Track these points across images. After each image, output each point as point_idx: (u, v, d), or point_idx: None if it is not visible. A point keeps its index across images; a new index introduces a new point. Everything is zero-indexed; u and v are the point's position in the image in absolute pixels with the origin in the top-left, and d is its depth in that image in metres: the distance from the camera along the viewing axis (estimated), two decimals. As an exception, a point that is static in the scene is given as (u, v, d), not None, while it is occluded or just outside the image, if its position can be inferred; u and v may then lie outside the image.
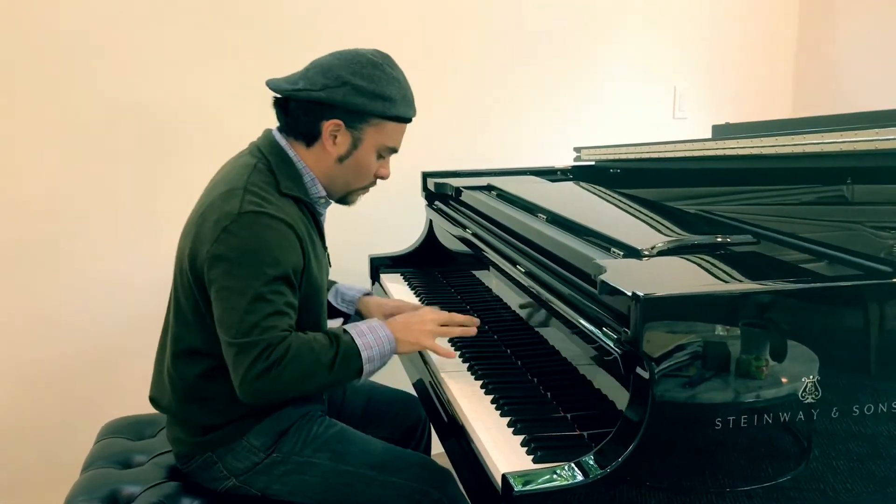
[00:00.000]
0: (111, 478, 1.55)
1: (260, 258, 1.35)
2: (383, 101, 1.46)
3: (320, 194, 1.53)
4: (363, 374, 1.41)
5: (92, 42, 2.20)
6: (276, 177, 1.45)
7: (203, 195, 1.49)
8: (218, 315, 1.36)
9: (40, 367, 2.29)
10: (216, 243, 1.35)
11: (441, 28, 2.62)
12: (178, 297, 1.48)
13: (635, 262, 1.24)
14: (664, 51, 2.99)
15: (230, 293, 1.34)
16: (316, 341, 1.38)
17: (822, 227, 1.47)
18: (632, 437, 1.02)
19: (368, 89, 1.44)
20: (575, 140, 2.56)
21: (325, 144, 1.48)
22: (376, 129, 1.49)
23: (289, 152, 1.49)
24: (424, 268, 2.28)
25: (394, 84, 1.48)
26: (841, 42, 2.99)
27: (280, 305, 1.36)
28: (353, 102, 1.44)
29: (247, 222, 1.35)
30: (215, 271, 1.36)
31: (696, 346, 1.03)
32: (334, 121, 1.46)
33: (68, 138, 2.22)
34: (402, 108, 1.49)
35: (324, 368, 1.37)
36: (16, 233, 2.21)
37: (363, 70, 1.45)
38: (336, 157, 1.50)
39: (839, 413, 1.08)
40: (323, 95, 1.43)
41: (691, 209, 1.68)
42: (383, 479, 1.48)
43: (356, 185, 1.56)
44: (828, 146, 1.36)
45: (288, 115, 1.50)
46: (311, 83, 1.45)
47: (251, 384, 1.32)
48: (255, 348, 1.31)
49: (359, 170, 1.53)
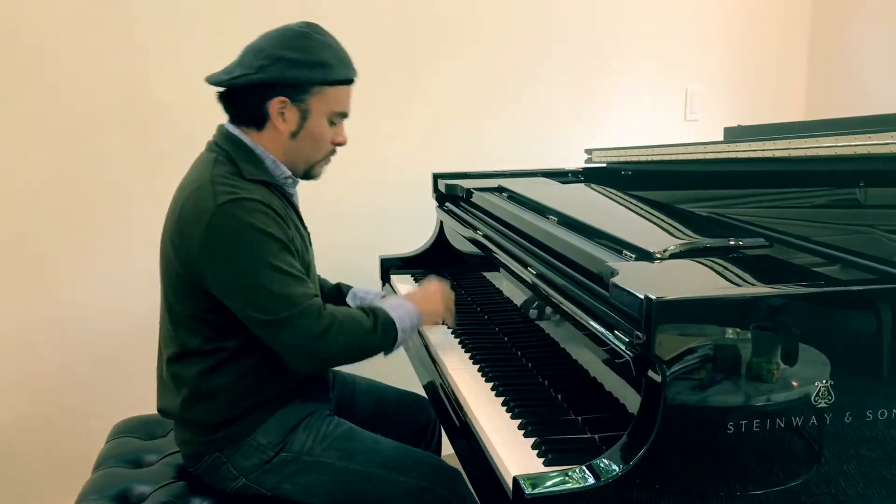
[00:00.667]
0: (122, 477, 1.56)
1: (255, 239, 1.37)
2: (321, 67, 1.46)
3: (285, 174, 1.53)
4: (396, 343, 1.50)
5: (91, 41, 2.21)
6: (237, 165, 1.46)
7: (173, 199, 1.49)
8: (243, 304, 1.38)
9: (53, 367, 2.30)
10: (206, 245, 1.37)
11: (453, 29, 2.63)
12: (171, 302, 1.48)
13: (647, 264, 1.23)
14: (676, 52, 2.98)
15: (246, 280, 1.36)
16: (351, 312, 1.46)
17: (835, 230, 1.46)
18: (643, 440, 1.02)
19: (303, 60, 1.45)
20: (586, 142, 2.56)
21: (276, 123, 1.48)
22: (320, 97, 1.49)
23: (244, 140, 1.50)
24: (435, 269, 2.27)
25: (327, 49, 1.48)
26: (854, 44, 2.97)
27: (297, 273, 1.41)
28: (291, 76, 1.45)
29: (227, 212, 1.37)
30: (220, 269, 1.37)
31: (709, 350, 1.03)
32: (278, 98, 1.46)
33: (70, 139, 2.23)
34: (341, 71, 1.50)
35: (369, 333, 1.44)
36: (22, 234, 2.22)
37: (293, 42, 1.45)
38: (289, 134, 1.50)
39: (852, 417, 1.07)
40: (261, 76, 1.44)
41: (703, 212, 1.68)
42: (393, 479, 1.48)
43: (316, 157, 1.56)
44: (841, 149, 1.35)
45: (233, 106, 1.51)
46: (246, 68, 1.46)
47: (304, 353, 1.39)
48: (297, 319, 1.36)
49: (314, 141, 1.53)
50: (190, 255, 1.40)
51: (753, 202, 1.71)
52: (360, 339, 1.44)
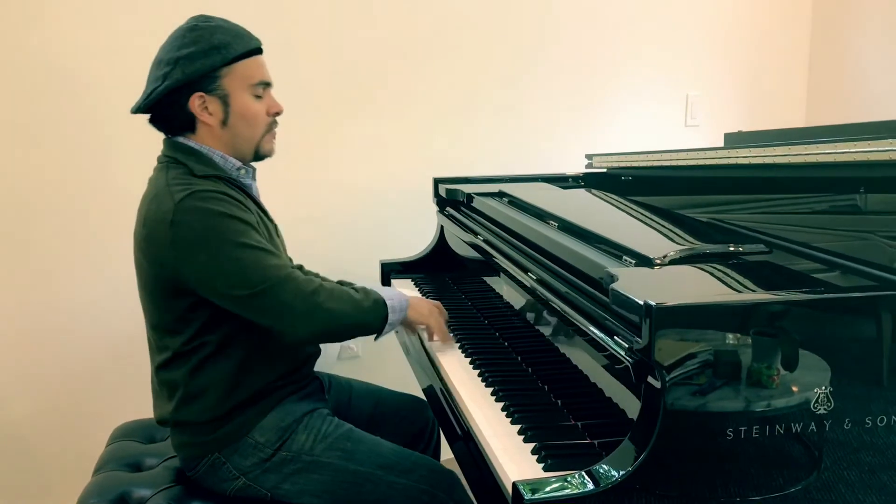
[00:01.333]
0: (122, 480, 1.56)
1: (219, 223, 1.40)
2: (217, 50, 1.47)
3: (236, 166, 1.55)
4: (387, 322, 1.52)
5: (91, 44, 2.22)
6: (187, 166, 1.48)
7: (137, 212, 1.51)
8: (227, 286, 1.39)
9: (53, 371, 2.30)
10: (175, 242, 1.39)
11: (454, 33, 2.63)
12: (150, 311, 1.51)
13: (647, 270, 1.23)
14: (677, 58, 2.99)
15: (224, 263, 1.38)
16: (335, 283, 1.52)
17: (835, 236, 1.46)
18: (643, 445, 1.02)
19: (198, 50, 1.46)
20: (587, 147, 2.56)
21: (203, 119, 1.50)
22: (231, 77, 1.50)
23: (188, 143, 1.52)
24: (435, 273, 2.28)
25: (218, 31, 1.49)
26: (855, 50, 2.98)
27: (270, 248, 1.43)
28: (194, 70, 1.46)
29: (187, 206, 1.40)
30: (193, 261, 1.39)
31: (708, 356, 1.03)
32: (195, 95, 1.48)
33: (74, 142, 2.23)
34: (240, 45, 1.50)
35: (359, 302, 1.48)
36: (24, 236, 2.22)
37: (184, 40, 1.47)
38: (219, 124, 1.51)
39: (851, 424, 1.08)
40: (167, 84, 1.46)
41: (703, 217, 1.68)
42: (391, 480, 1.49)
43: (257, 135, 1.56)
44: (841, 156, 1.36)
45: (162, 121, 1.53)
46: (153, 83, 1.48)
47: (302, 312, 1.41)
48: (284, 283, 1.40)
49: (246, 120, 1.53)
50: (161, 257, 1.42)
51: (753, 208, 1.71)
52: (350, 306, 1.47)
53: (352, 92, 2.52)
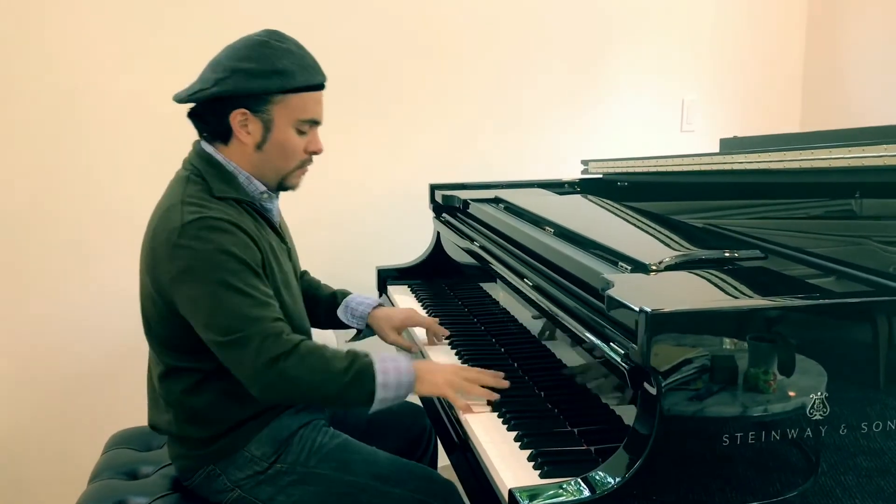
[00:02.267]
0: (118, 489, 1.56)
1: (219, 258, 1.34)
2: (279, 75, 1.41)
3: (259, 190, 1.50)
4: (375, 399, 1.37)
5: (91, 46, 2.22)
6: (208, 183, 1.44)
7: (150, 219, 1.48)
8: (203, 324, 1.35)
9: (48, 378, 2.29)
10: (172, 262, 1.36)
11: (448, 40, 2.63)
12: (150, 323, 1.48)
13: (643, 276, 1.23)
14: (672, 63, 2.99)
15: (205, 299, 1.33)
16: (329, 349, 1.37)
17: (831, 241, 1.46)
18: (639, 452, 1.02)
19: (259, 69, 1.40)
20: (583, 153, 2.56)
21: (240, 136, 1.45)
22: (283, 106, 1.44)
23: (216, 156, 1.48)
24: (432, 280, 2.28)
25: (286, 56, 1.43)
26: (850, 56, 2.99)
27: (259, 297, 1.35)
28: (247, 87, 1.40)
29: (193, 231, 1.35)
30: (182, 288, 1.36)
31: (704, 362, 1.03)
32: (238, 111, 1.43)
33: (70, 148, 2.23)
34: (302, 77, 1.44)
35: (335, 375, 1.35)
36: (21, 242, 2.22)
37: (251, 53, 1.41)
38: (254, 146, 1.46)
39: (847, 429, 1.08)
40: (217, 90, 1.41)
41: (699, 223, 1.68)
42: (387, 490, 1.48)
43: (287, 168, 1.50)
44: (836, 161, 1.36)
45: (199, 121, 1.49)
46: (204, 83, 1.43)
47: (261, 376, 1.32)
48: (250, 341, 1.32)
49: (282, 151, 1.47)
50: (160, 276, 1.39)
51: (749, 213, 1.71)
52: (321, 376, 1.35)
53: (348, 98, 2.52)
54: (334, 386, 1.35)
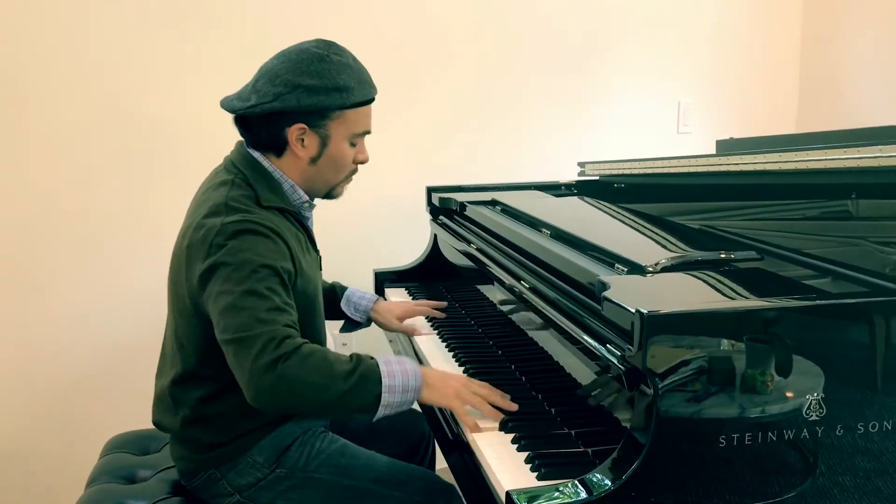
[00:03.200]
0: (116, 493, 1.56)
1: (250, 259, 1.33)
2: (339, 92, 1.42)
3: (302, 199, 1.51)
4: (380, 403, 1.31)
5: (86, 51, 2.22)
6: (255, 190, 1.43)
7: (186, 218, 1.47)
8: (216, 319, 1.33)
9: (46, 383, 2.29)
10: (206, 259, 1.35)
11: (445, 42, 2.64)
12: (177, 325, 1.47)
13: (639, 278, 1.24)
14: (668, 65, 3.00)
15: (224, 296, 1.32)
16: (332, 352, 1.33)
17: (827, 242, 1.47)
18: (636, 453, 1.02)
19: (321, 86, 1.40)
20: (579, 155, 2.57)
21: (295, 150, 1.46)
22: (341, 122, 1.45)
23: (263, 164, 1.47)
24: (429, 282, 2.28)
25: (345, 71, 1.43)
26: (845, 57, 2.99)
27: (277, 302, 1.33)
28: (308, 104, 1.40)
29: (232, 231, 1.35)
30: (210, 283, 1.34)
31: (700, 363, 1.03)
32: (297, 126, 1.43)
33: (73, 152, 2.23)
34: (360, 93, 1.45)
35: (338, 379, 1.27)
36: (21, 246, 2.22)
37: (310, 68, 1.40)
38: (309, 160, 1.47)
39: (844, 430, 1.08)
40: (277, 105, 1.40)
41: (695, 225, 1.68)
42: (387, 494, 1.47)
43: (337, 179, 1.54)
44: (832, 162, 1.36)
45: (250, 131, 1.48)
46: (262, 96, 1.41)
47: (258, 379, 1.25)
48: (256, 340, 1.26)
49: (335, 164, 1.50)
50: (191, 273, 1.38)
51: (745, 215, 1.71)
52: (323, 379, 1.27)
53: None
54: (337, 389, 1.27)
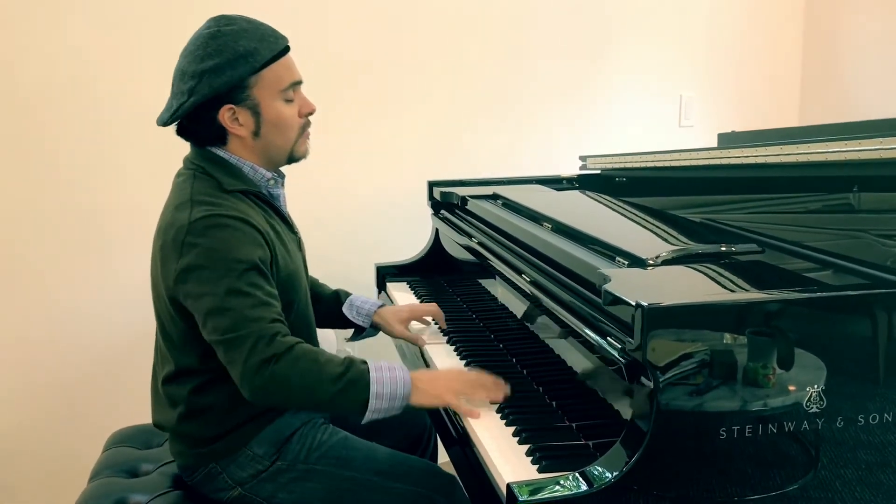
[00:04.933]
0: (118, 486, 1.56)
1: (224, 256, 1.33)
2: (244, 59, 1.39)
3: (266, 177, 1.51)
4: (367, 409, 1.34)
5: (87, 52, 2.22)
6: (216, 178, 1.44)
7: (159, 218, 1.48)
8: (201, 322, 1.34)
9: (48, 377, 2.30)
10: (179, 259, 1.35)
11: (445, 37, 2.63)
12: (163, 323, 1.48)
13: (640, 271, 1.24)
14: (670, 58, 2.99)
15: (206, 298, 1.33)
16: (324, 354, 1.35)
17: (828, 235, 1.46)
18: (637, 446, 1.02)
19: (223, 62, 1.38)
20: (581, 149, 2.57)
21: (235, 131, 1.45)
22: (261, 85, 1.43)
23: (218, 153, 1.48)
24: (430, 276, 2.28)
25: (242, 37, 1.40)
26: (848, 50, 2.99)
27: (260, 296, 1.34)
28: (221, 84, 1.39)
29: (201, 228, 1.35)
30: (187, 285, 1.35)
31: (701, 356, 1.03)
32: (224, 108, 1.42)
33: (69, 148, 2.24)
34: (266, 50, 1.41)
35: (327, 381, 1.31)
36: (20, 241, 2.22)
37: (207, 49, 1.39)
38: (251, 135, 1.46)
39: (845, 422, 1.08)
40: (195, 99, 1.39)
41: (696, 218, 1.68)
42: (388, 485, 1.48)
43: (290, 141, 1.51)
44: (834, 155, 1.36)
45: (190, 134, 1.48)
46: (179, 97, 1.41)
47: (252, 378, 1.29)
48: (245, 340, 1.29)
49: (279, 127, 1.47)
50: (167, 273, 1.39)
51: (747, 208, 1.71)
52: (313, 381, 1.31)
53: (346, 96, 2.52)
54: (325, 392, 1.31)
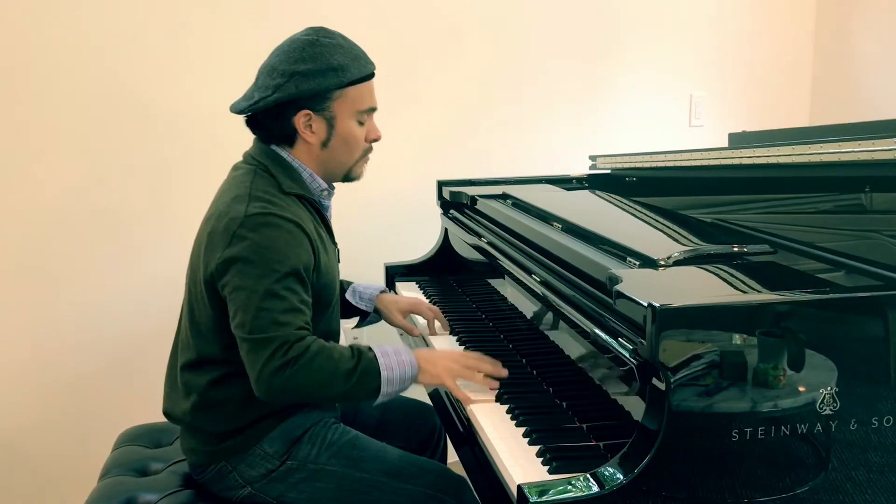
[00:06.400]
0: (128, 485, 1.56)
1: (270, 256, 1.36)
2: (335, 72, 1.45)
3: (322, 187, 1.55)
4: (380, 394, 1.39)
5: (98, 44, 2.23)
6: (276, 179, 1.47)
7: (210, 206, 1.50)
8: (232, 314, 1.37)
9: (59, 376, 2.31)
10: (227, 248, 1.37)
11: (456, 36, 2.63)
12: (193, 310, 1.49)
13: (651, 271, 1.23)
14: (680, 58, 2.98)
15: (243, 292, 1.35)
16: (336, 350, 1.38)
17: (840, 236, 1.46)
18: (648, 447, 1.02)
19: (316, 69, 1.44)
20: (591, 148, 2.56)
21: (305, 137, 1.49)
22: (343, 101, 1.49)
23: (281, 154, 1.52)
24: (440, 276, 2.28)
25: (337, 51, 1.47)
26: (859, 49, 2.97)
27: (294, 302, 1.37)
28: (307, 88, 1.44)
29: (255, 224, 1.38)
30: (228, 275, 1.37)
31: (713, 357, 1.03)
32: (301, 112, 1.47)
33: (86, 145, 2.24)
34: (356, 70, 1.48)
35: (341, 377, 1.35)
36: (32, 240, 2.23)
37: (303, 54, 1.45)
38: (320, 144, 1.51)
39: (857, 424, 1.07)
40: (278, 96, 1.44)
41: (707, 218, 1.68)
42: (398, 486, 1.48)
43: (352, 160, 1.56)
44: (846, 155, 1.35)
45: (260, 128, 1.52)
46: (263, 91, 1.46)
47: (268, 380, 1.32)
48: (270, 344, 1.32)
49: (347, 144, 1.53)
50: (211, 260, 1.41)
51: (758, 208, 1.70)
52: (328, 378, 1.35)
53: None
54: (340, 387, 1.36)
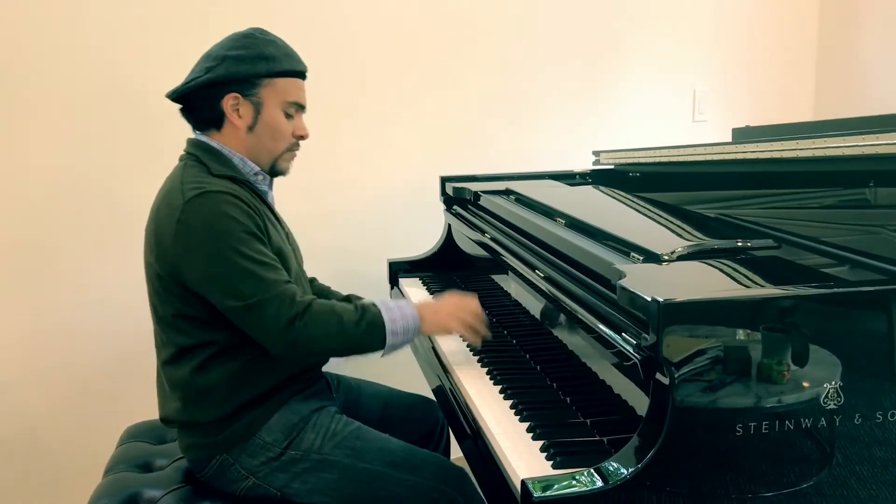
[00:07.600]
0: (132, 481, 1.57)
1: (222, 227, 1.40)
2: (265, 61, 1.52)
3: (254, 171, 1.57)
4: (386, 345, 1.46)
5: (91, 38, 2.23)
6: (206, 165, 1.51)
7: (152, 206, 1.54)
8: (219, 292, 1.41)
9: (63, 372, 2.31)
10: (178, 240, 1.41)
11: (460, 32, 2.63)
12: (156, 306, 1.52)
13: (655, 266, 1.23)
14: (683, 53, 2.97)
15: (220, 269, 1.39)
16: (338, 304, 1.46)
17: (845, 230, 1.45)
18: (652, 442, 1.01)
19: (247, 55, 1.51)
20: (594, 143, 2.56)
21: (232, 120, 1.53)
22: (271, 89, 1.53)
23: (210, 143, 1.55)
24: (443, 272, 2.28)
25: (271, 45, 1.54)
26: (863, 43, 2.96)
27: (268, 261, 1.43)
28: (237, 71, 1.50)
29: (195, 206, 1.41)
30: (193, 264, 1.41)
31: (717, 352, 1.02)
32: (230, 95, 1.51)
33: (80, 141, 2.24)
34: (287, 63, 1.55)
35: (349, 328, 1.43)
36: (34, 238, 2.23)
37: (238, 42, 1.52)
38: (246, 128, 1.55)
39: (862, 419, 1.07)
40: (209, 76, 1.50)
41: (711, 213, 1.67)
42: (401, 477, 1.49)
43: (277, 150, 1.59)
44: (850, 149, 1.35)
45: (191, 112, 1.57)
46: (196, 73, 1.52)
47: (281, 335, 1.39)
48: (270, 303, 1.39)
49: (272, 132, 1.56)
50: (165, 254, 1.44)
51: (762, 203, 1.70)
52: (337, 329, 1.43)
53: (358, 91, 2.52)
54: (350, 338, 1.44)
